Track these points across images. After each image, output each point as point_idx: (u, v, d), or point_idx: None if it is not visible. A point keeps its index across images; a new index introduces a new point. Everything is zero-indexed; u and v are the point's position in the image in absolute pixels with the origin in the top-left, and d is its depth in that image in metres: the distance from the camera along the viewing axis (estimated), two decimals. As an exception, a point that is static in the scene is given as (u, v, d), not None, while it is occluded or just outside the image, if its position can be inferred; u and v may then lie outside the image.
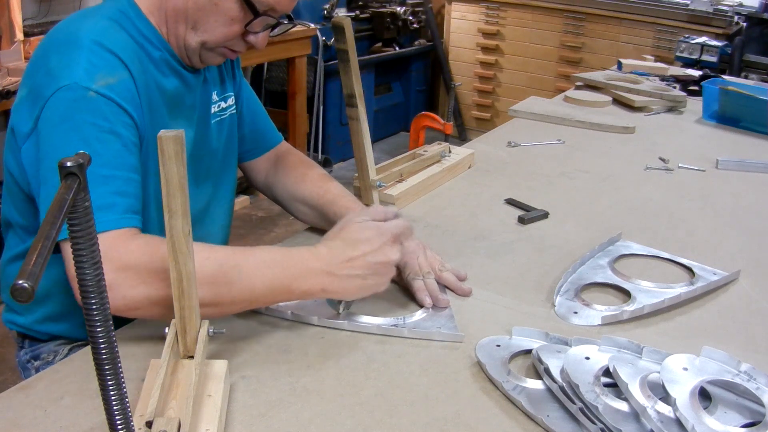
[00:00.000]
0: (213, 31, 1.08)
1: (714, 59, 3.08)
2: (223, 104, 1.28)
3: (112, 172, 0.96)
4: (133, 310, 0.92)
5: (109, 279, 0.93)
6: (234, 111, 1.31)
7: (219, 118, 1.27)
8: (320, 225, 1.31)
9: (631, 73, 2.72)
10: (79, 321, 1.14)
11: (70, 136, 0.95)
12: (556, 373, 0.89)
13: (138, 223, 0.97)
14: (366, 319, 1.04)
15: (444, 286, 1.14)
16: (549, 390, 0.89)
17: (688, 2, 4.11)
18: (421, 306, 1.08)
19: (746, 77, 3.32)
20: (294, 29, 3.74)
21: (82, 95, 0.96)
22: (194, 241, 0.82)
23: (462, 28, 5.08)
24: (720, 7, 4.01)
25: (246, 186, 3.69)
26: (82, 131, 0.96)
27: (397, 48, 4.88)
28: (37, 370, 1.22)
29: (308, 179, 1.33)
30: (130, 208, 0.96)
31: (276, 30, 1.16)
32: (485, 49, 5.01)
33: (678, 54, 3.19)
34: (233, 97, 1.31)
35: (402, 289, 1.14)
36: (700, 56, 3.11)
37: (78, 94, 0.96)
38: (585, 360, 0.91)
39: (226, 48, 1.13)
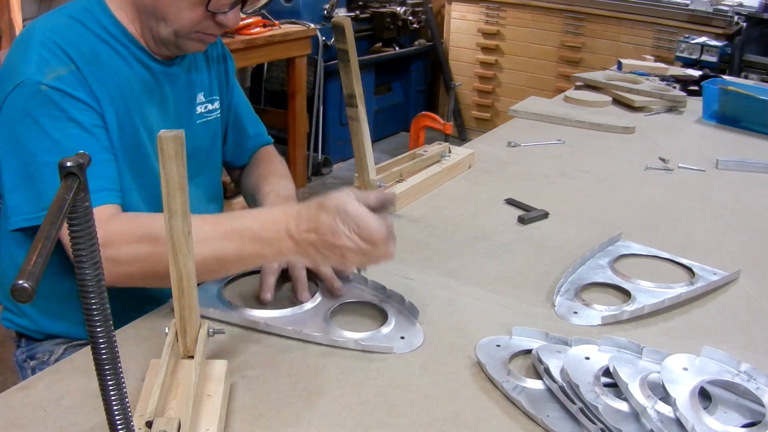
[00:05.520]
0: (180, 19, 1.10)
1: (714, 59, 3.08)
2: (210, 106, 1.31)
3: None
4: (128, 280, 0.98)
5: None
6: (218, 115, 1.34)
7: (205, 119, 1.31)
8: None
9: (631, 73, 2.72)
10: (77, 319, 1.14)
11: (30, 130, 1.02)
12: (556, 373, 0.89)
13: (114, 200, 1.03)
14: (346, 334, 1.00)
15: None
16: (549, 390, 0.89)
17: (688, 2, 4.10)
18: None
19: (746, 77, 3.32)
20: (294, 29, 3.74)
21: (35, 90, 1.02)
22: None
23: (462, 28, 5.08)
24: (720, 7, 4.01)
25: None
26: (41, 124, 1.02)
27: (397, 48, 4.87)
28: (33, 369, 1.22)
29: (261, 176, 1.37)
30: (97, 188, 1.00)
31: (247, 7, 1.16)
32: (485, 49, 5.01)
33: (678, 54, 3.19)
34: (219, 101, 1.34)
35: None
36: (700, 56, 3.11)
37: (32, 89, 1.02)
38: (585, 360, 0.91)
39: (200, 32, 1.14)
